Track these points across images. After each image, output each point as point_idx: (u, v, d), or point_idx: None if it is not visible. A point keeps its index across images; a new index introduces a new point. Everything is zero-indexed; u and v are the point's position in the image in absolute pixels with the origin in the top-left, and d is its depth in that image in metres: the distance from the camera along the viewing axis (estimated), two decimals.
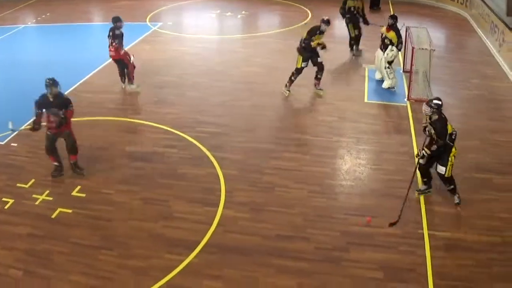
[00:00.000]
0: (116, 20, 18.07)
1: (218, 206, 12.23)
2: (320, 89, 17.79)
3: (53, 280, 10.58)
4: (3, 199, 13.20)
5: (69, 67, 21.40)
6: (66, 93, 17.00)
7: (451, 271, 10.23)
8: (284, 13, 28.11)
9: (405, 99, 16.95)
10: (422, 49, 16.73)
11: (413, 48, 16.72)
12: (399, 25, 17.72)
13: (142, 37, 24.35)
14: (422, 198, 12.38)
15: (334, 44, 20.81)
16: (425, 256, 10.58)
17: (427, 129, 11.80)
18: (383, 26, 18.29)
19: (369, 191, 12.78)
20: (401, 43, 17.63)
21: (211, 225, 11.64)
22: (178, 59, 21.71)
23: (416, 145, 14.41)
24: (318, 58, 17.34)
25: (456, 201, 12.15)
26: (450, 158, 11.68)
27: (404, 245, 10.91)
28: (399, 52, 18.38)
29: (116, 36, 17.95)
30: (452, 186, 12.12)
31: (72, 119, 13.73)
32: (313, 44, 16.93)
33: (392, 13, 19.42)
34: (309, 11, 26.79)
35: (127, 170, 13.92)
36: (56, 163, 13.89)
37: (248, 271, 10.33)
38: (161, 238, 11.42)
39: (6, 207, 12.92)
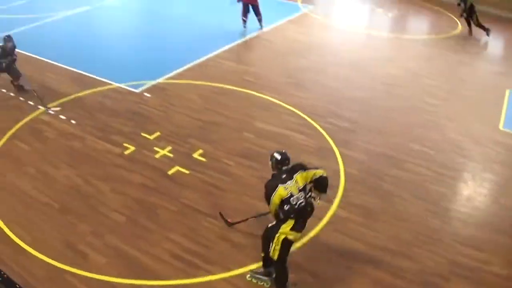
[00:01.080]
0: None
1: (333, 203, 11.96)
2: None
3: (154, 234, 10.84)
4: (125, 144, 13.61)
5: (216, 32, 21.69)
6: (206, 58, 18.05)
7: None
8: (433, 20, 26.66)
9: None
10: None
11: None
12: None
13: (291, 17, 24.18)
14: None
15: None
16: None
17: None
18: None
19: (485, 224, 11.99)
20: None
21: (321, 220, 11.38)
22: (321, 45, 21.46)
23: None
24: None
25: None
26: (277, 236, 8.95)
27: None
28: None
29: None
30: (274, 275, 9.56)
31: (208, 83, 13.78)
32: None
33: None
34: (459, 22, 25.55)
35: (251, 146, 13.91)
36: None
37: (344, 275, 10.06)
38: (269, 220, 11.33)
39: (125, 153, 13.33)
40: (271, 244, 9.04)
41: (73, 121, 14.90)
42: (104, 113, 15.32)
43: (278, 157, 9.20)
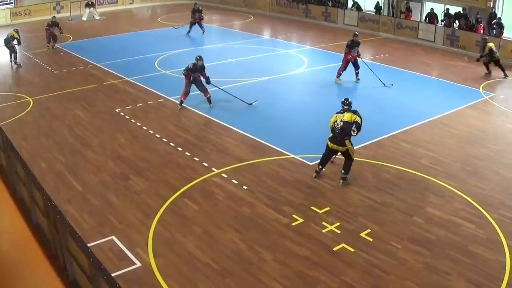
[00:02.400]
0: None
1: None
2: None
3: None
4: (294, 215, 13.75)
5: (394, 112, 21.64)
6: (383, 137, 18.55)
7: None
8: None
9: None
10: None
11: None
12: None
13: (471, 103, 23.47)
14: None
15: None
16: None
17: None
18: None
19: None
20: None
21: None
22: (499, 133, 20.62)
23: None
24: None
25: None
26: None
27: None
28: None
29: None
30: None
31: (383, 163, 13.74)
32: None
33: None
34: None
35: (420, 231, 13.48)
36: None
37: None
38: None
39: (293, 224, 13.42)
40: None
41: (244, 187, 15.28)
42: (276, 183, 15.65)
43: (342, 100, 15.95)
